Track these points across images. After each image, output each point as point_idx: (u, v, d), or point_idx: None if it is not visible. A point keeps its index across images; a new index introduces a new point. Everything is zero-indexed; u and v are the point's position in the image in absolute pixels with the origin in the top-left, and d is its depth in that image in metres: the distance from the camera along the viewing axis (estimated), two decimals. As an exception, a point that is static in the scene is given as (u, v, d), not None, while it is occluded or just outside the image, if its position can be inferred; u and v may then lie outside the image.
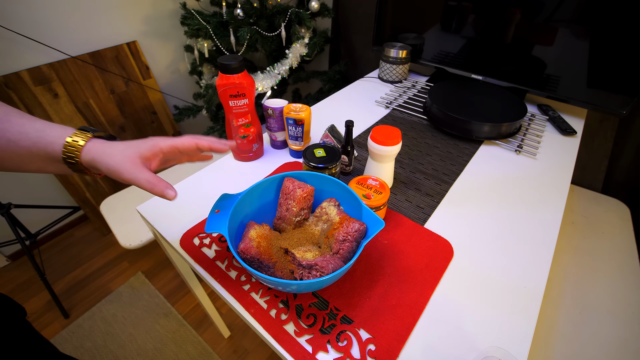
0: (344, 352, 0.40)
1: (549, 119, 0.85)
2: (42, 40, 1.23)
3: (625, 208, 1.03)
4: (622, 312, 0.76)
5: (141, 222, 1.14)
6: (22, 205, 1.31)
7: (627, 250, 0.90)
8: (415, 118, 0.87)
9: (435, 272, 0.49)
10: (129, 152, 0.38)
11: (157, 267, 1.46)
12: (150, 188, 0.38)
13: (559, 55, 0.79)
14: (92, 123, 1.43)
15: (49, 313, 1.28)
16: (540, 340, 0.71)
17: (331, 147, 0.59)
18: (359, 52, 1.66)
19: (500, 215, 0.59)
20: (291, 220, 0.50)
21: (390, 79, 1.04)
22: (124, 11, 1.41)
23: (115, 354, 1.15)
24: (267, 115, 0.70)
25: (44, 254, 1.53)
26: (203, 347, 1.16)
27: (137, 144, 0.39)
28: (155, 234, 0.65)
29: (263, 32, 1.34)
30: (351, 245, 0.43)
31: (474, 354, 0.40)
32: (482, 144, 0.77)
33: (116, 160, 0.37)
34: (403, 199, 0.62)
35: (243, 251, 0.42)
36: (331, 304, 0.45)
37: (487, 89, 0.88)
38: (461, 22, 0.89)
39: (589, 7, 0.70)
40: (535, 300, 0.46)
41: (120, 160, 0.37)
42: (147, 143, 0.40)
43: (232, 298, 0.46)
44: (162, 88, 1.66)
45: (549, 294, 0.80)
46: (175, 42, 1.64)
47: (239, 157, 0.71)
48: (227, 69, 0.57)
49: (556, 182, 0.66)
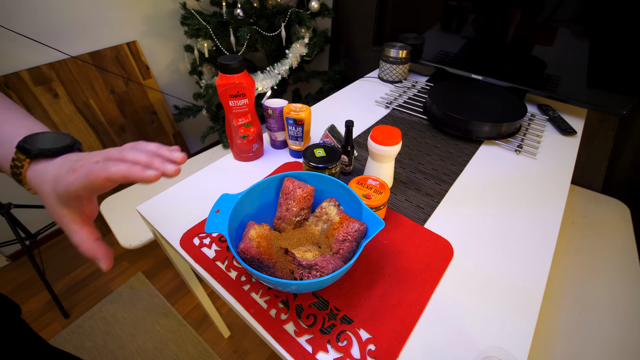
0: (344, 352, 0.40)
1: (549, 119, 0.85)
2: (42, 40, 1.23)
3: (625, 208, 1.03)
4: (622, 312, 0.76)
5: (141, 222, 1.14)
6: (22, 205, 1.31)
7: (627, 250, 0.90)
8: (415, 118, 0.87)
9: (435, 272, 0.49)
10: (51, 199, 0.31)
11: (157, 267, 1.46)
12: (83, 252, 0.32)
13: (559, 55, 0.79)
14: (92, 123, 1.43)
15: (49, 313, 1.28)
16: (540, 340, 0.71)
17: (331, 147, 0.59)
18: (359, 52, 1.66)
19: (500, 215, 0.59)
20: (291, 220, 0.50)
21: (390, 79, 1.04)
22: (124, 11, 1.41)
23: (115, 354, 1.15)
24: (267, 115, 0.70)
25: (44, 254, 1.53)
26: (203, 347, 1.16)
27: (59, 179, 0.30)
28: (155, 234, 0.65)
29: (263, 32, 1.34)
30: (351, 245, 0.43)
31: (474, 354, 0.40)
32: (482, 144, 0.77)
33: (47, 205, 0.32)
34: (403, 199, 0.62)
35: (243, 251, 0.42)
36: (331, 304, 0.45)
37: (487, 89, 0.88)
38: (461, 22, 0.89)
39: (589, 7, 0.70)
40: (535, 300, 0.46)
41: (49, 208, 0.32)
42: (64, 181, 0.30)
43: (232, 298, 0.46)
44: (162, 88, 1.67)
45: (549, 294, 0.80)
46: (175, 42, 1.64)
47: (239, 157, 0.71)
48: (227, 69, 0.57)
49: (556, 182, 0.66)
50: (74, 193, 0.30)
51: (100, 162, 0.29)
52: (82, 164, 0.30)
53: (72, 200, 0.31)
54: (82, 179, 0.29)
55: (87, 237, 0.33)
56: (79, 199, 0.31)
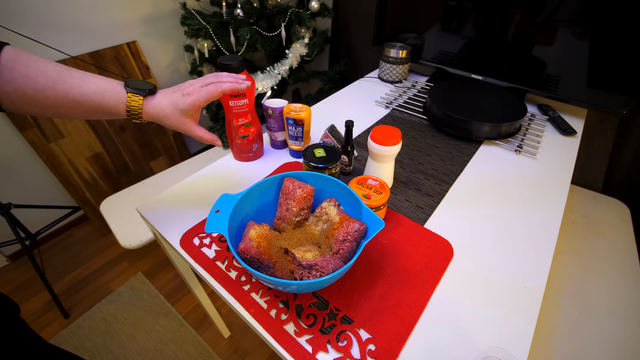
0: (344, 352, 0.40)
1: (549, 119, 0.85)
2: (42, 40, 1.23)
3: (625, 208, 1.03)
4: (622, 312, 0.76)
5: (141, 222, 1.14)
6: (22, 205, 1.31)
7: (627, 250, 0.90)
8: (415, 118, 0.87)
9: (435, 272, 0.49)
10: (177, 116, 0.45)
11: (157, 267, 1.46)
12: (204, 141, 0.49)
13: (559, 55, 0.79)
14: (92, 123, 1.43)
15: (49, 313, 1.28)
16: (540, 340, 0.71)
17: (331, 147, 0.59)
18: (359, 52, 1.66)
19: (501, 215, 0.59)
20: (291, 220, 0.50)
21: (390, 79, 1.04)
22: (124, 11, 1.41)
23: (115, 354, 1.15)
24: (267, 115, 0.70)
25: (44, 254, 1.53)
26: (203, 347, 1.17)
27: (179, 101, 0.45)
28: (155, 234, 0.65)
29: (263, 32, 1.34)
30: (351, 245, 0.43)
31: (474, 354, 0.40)
32: (482, 144, 0.77)
33: (172, 122, 0.46)
34: (403, 199, 0.62)
35: (243, 251, 0.42)
36: (331, 304, 0.45)
37: (487, 89, 0.88)
38: (461, 22, 0.89)
39: (589, 7, 0.70)
40: (535, 300, 0.46)
41: (175, 122, 0.46)
42: (187, 100, 0.45)
43: (232, 298, 0.46)
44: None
45: (549, 294, 0.80)
46: (175, 42, 1.64)
47: (239, 157, 0.71)
48: (227, 69, 0.57)
49: (556, 182, 0.66)
50: (198, 106, 0.46)
51: (210, 84, 0.46)
52: (193, 89, 0.46)
53: (194, 111, 0.46)
54: (205, 95, 0.45)
55: (204, 132, 0.49)
56: (199, 109, 0.47)
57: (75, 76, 0.42)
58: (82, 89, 0.42)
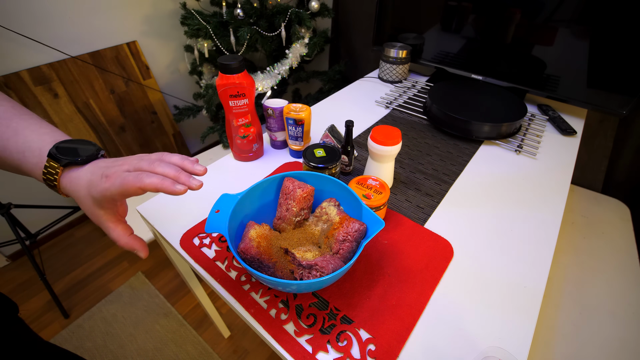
0: (344, 352, 0.40)
1: (549, 119, 0.85)
2: (42, 40, 1.23)
3: (625, 208, 1.03)
4: (622, 312, 0.76)
5: (141, 222, 1.14)
6: (22, 205, 1.31)
7: (627, 250, 0.90)
8: (415, 118, 0.87)
9: (435, 272, 0.49)
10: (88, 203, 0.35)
11: (157, 267, 1.46)
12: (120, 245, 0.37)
13: (559, 55, 0.79)
14: (92, 123, 1.43)
15: (49, 313, 1.28)
16: (540, 340, 0.71)
17: (331, 147, 0.59)
18: (359, 52, 1.66)
19: (500, 215, 0.59)
20: (291, 220, 0.50)
21: (390, 79, 1.04)
22: (124, 11, 1.41)
23: (115, 354, 1.15)
24: (267, 115, 0.70)
25: (44, 254, 1.53)
26: (203, 347, 1.17)
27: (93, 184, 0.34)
28: (155, 234, 0.65)
29: (263, 32, 1.34)
30: (351, 245, 0.43)
31: (474, 354, 0.40)
32: (482, 144, 0.77)
33: (85, 209, 0.36)
34: (403, 199, 0.62)
35: (243, 251, 0.42)
36: (331, 304, 0.45)
37: (487, 89, 0.88)
38: (461, 22, 0.89)
39: (589, 7, 0.70)
40: (535, 300, 0.46)
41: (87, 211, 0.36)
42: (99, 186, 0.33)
43: (232, 298, 0.46)
44: (162, 88, 1.67)
45: (549, 294, 0.80)
46: (175, 42, 1.64)
47: (239, 157, 0.71)
48: (227, 69, 0.57)
49: (556, 182, 0.66)
50: (110, 197, 0.33)
51: (132, 173, 0.33)
52: (114, 172, 0.33)
53: (107, 202, 0.35)
54: (118, 186, 0.32)
55: (123, 233, 0.37)
56: (114, 201, 0.35)
57: (12, 126, 0.35)
58: (9, 142, 0.35)
